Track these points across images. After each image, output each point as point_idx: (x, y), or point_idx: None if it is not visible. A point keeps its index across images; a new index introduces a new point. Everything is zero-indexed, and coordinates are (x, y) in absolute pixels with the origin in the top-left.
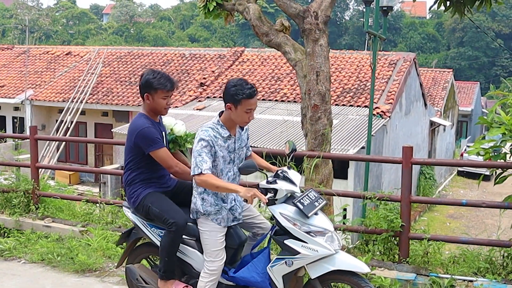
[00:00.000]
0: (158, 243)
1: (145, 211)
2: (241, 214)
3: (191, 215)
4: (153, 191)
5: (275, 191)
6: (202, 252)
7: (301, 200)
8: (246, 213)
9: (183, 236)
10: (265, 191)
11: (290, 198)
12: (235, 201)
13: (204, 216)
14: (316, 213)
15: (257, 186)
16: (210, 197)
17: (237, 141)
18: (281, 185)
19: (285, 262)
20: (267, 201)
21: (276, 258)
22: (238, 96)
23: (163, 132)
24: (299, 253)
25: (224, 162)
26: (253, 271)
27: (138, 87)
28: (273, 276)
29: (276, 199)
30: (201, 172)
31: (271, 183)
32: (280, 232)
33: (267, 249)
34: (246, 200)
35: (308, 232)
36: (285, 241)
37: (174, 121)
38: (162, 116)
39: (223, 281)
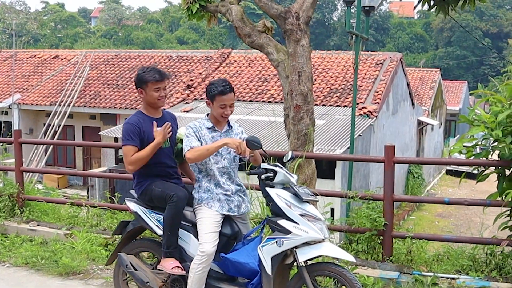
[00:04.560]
0: (157, 229)
1: (148, 195)
2: (239, 210)
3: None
4: (159, 179)
5: (275, 173)
6: (196, 237)
7: (298, 188)
8: (241, 220)
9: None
10: (264, 171)
11: (286, 188)
12: (232, 194)
13: (199, 204)
14: (308, 203)
15: (258, 166)
16: (204, 183)
17: (223, 136)
18: (281, 170)
19: (276, 241)
20: (249, 155)
21: (268, 238)
22: (212, 92)
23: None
24: (290, 232)
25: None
26: (244, 253)
27: (125, 90)
28: (263, 256)
29: (274, 182)
30: (189, 148)
31: (272, 165)
32: (274, 216)
33: (258, 237)
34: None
35: (301, 215)
36: (278, 221)
37: None
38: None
39: (213, 267)
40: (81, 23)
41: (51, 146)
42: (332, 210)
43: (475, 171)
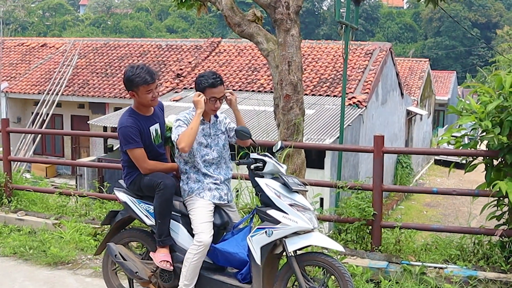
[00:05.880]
0: (146, 219)
1: (137, 184)
2: (229, 198)
3: (182, 198)
4: None
5: (264, 163)
6: (186, 228)
7: (287, 178)
8: (229, 208)
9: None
10: (254, 161)
11: (276, 178)
12: (221, 182)
13: (190, 195)
14: (298, 193)
15: (248, 155)
16: (193, 174)
17: (212, 127)
18: (270, 160)
19: (265, 231)
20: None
21: (257, 228)
22: (203, 84)
23: (156, 125)
24: (279, 222)
25: (200, 145)
26: (233, 243)
27: (114, 79)
28: (252, 246)
29: (264, 172)
30: (177, 137)
31: (261, 155)
32: (263, 206)
33: (248, 227)
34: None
35: (290, 205)
36: (268, 211)
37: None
38: (167, 113)
39: (204, 258)
40: (70, 11)
41: (39, 135)
42: (322, 200)
43: (464, 161)
